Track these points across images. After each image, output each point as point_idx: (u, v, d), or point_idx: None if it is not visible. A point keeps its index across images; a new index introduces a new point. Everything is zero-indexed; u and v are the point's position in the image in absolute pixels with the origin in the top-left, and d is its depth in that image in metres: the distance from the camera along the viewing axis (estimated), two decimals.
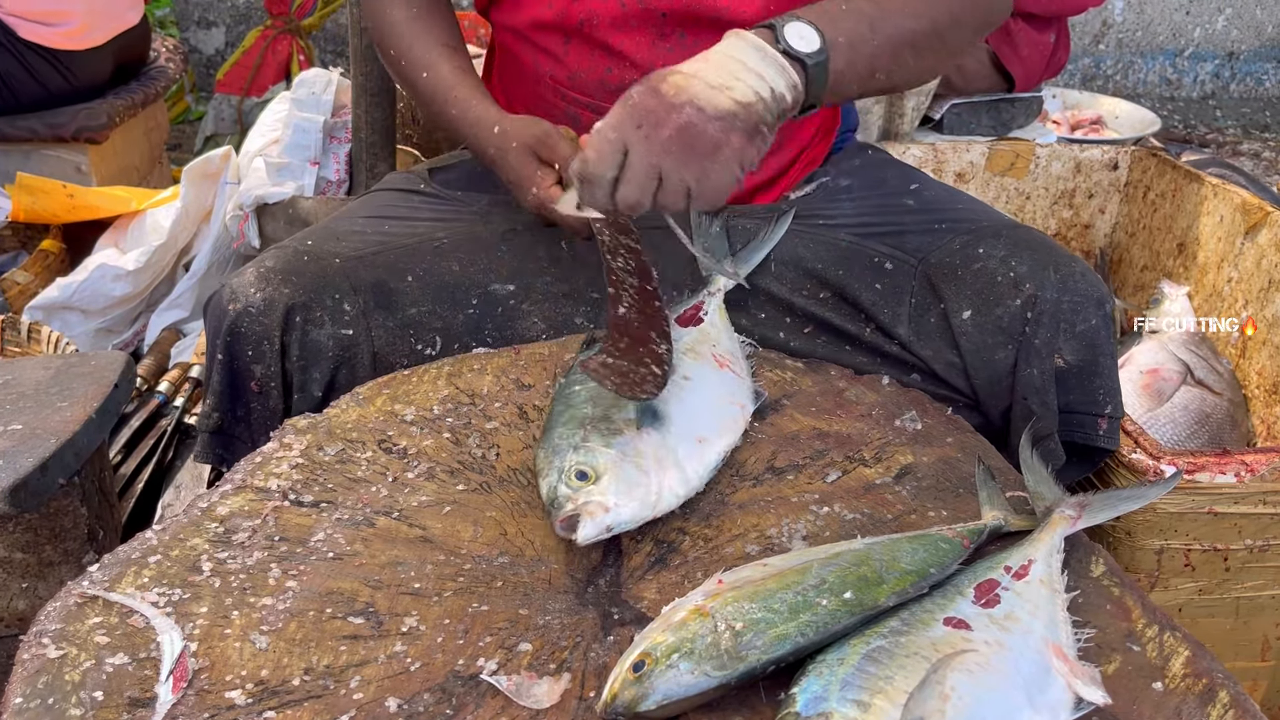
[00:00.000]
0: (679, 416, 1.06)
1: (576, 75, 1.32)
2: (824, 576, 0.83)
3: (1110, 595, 0.92)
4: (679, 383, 1.10)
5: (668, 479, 0.99)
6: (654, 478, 0.98)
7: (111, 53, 2.75)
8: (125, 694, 0.78)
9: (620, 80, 1.30)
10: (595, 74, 1.31)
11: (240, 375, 1.21)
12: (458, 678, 0.82)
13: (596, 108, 1.33)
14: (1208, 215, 2.10)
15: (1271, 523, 1.33)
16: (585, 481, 0.96)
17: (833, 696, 0.73)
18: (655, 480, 0.98)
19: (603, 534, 0.94)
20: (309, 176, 2.27)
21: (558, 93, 1.35)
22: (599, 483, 0.96)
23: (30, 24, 2.51)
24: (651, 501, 0.97)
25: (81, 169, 2.62)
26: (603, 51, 1.30)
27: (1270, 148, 4.64)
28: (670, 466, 1.01)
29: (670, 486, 0.99)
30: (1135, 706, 0.81)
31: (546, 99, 1.37)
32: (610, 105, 1.29)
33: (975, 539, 0.94)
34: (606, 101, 1.31)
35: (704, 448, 1.05)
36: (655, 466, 0.99)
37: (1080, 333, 1.19)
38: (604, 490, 0.95)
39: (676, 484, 1.00)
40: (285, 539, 0.95)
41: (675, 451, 1.02)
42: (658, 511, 0.98)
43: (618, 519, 0.94)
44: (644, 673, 0.76)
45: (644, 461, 0.99)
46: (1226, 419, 1.87)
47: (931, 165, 2.31)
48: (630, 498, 0.96)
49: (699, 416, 1.08)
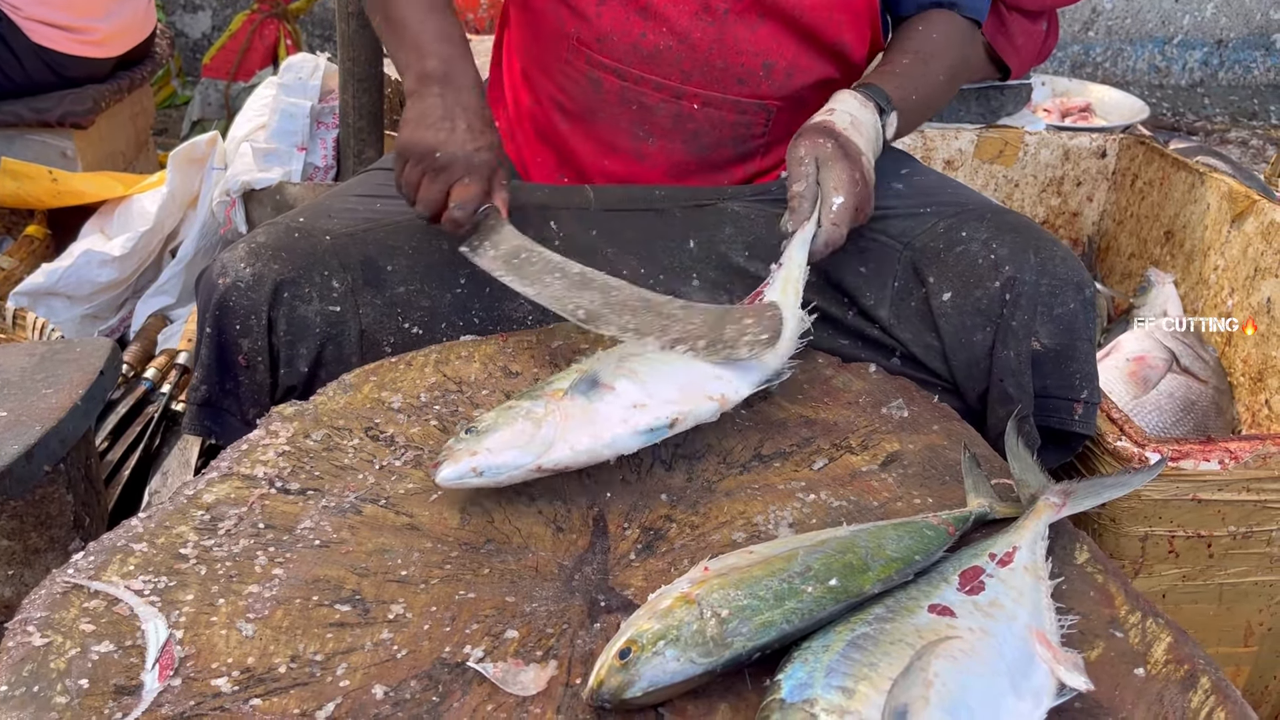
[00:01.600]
0: (626, 389, 1.04)
1: (607, 38, 1.31)
2: (809, 564, 0.84)
3: (1094, 582, 0.93)
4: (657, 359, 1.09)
5: (570, 434, 0.99)
6: (548, 430, 0.98)
7: (117, 59, 2.74)
8: (111, 682, 0.78)
9: (654, 46, 1.29)
10: (628, 38, 1.30)
11: (228, 349, 1.21)
12: (444, 665, 0.82)
13: (623, 73, 1.32)
14: (1195, 203, 2.10)
15: (1255, 509, 1.34)
16: (472, 435, 0.98)
17: (818, 683, 0.73)
18: (549, 432, 0.98)
19: (467, 475, 0.96)
20: (296, 162, 2.26)
21: (581, 54, 1.33)
22: (482, 434, 0.97)
23: (48, 29, 2.49)
24: (537, 450, 0.97)
25: (67, 154, 2.60)
26: (639, 15, 1.29)
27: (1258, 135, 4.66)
28: (580, 424, 1.00)
29: (572, 441, 0.99)
30: (1118, 692, 0.81)
31: (566, 60, 1.35)
32: (639, 72, 1.30)
33: (960, 526, 0.95)
34: (635, 67, 1.31)
35: (639, 413, 1.02)
36: (557, 422, 0.99)
37: (1058, 316, 1.20)
38: (480, 439, 0.97)
39: (582, 439, 0.99)
40: (272, 527, 0.95)
41: (596, 413, 1.01)
42: (547, 461, 0.98)
43: (486, 463, 0.96)
44: (630, 660, 0.76)
45: (543, 417, 0.99)
46: (1212, 406, 1.88)
47: (921, 153, 2.31)
48: (509, 445, 0.97)
49: (650, 388, 1.05)
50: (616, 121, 1.36)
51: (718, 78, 1.32)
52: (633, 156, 1.38)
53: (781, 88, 1.34)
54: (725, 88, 1.32)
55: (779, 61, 1.32)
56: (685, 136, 1.35)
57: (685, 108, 1.33)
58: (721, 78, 1.32)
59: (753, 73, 1.32)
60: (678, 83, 1.32)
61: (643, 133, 1.36)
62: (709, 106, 1.33)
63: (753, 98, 1.33)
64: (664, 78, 1.32)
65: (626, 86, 1.33)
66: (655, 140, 1.36)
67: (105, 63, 2.69)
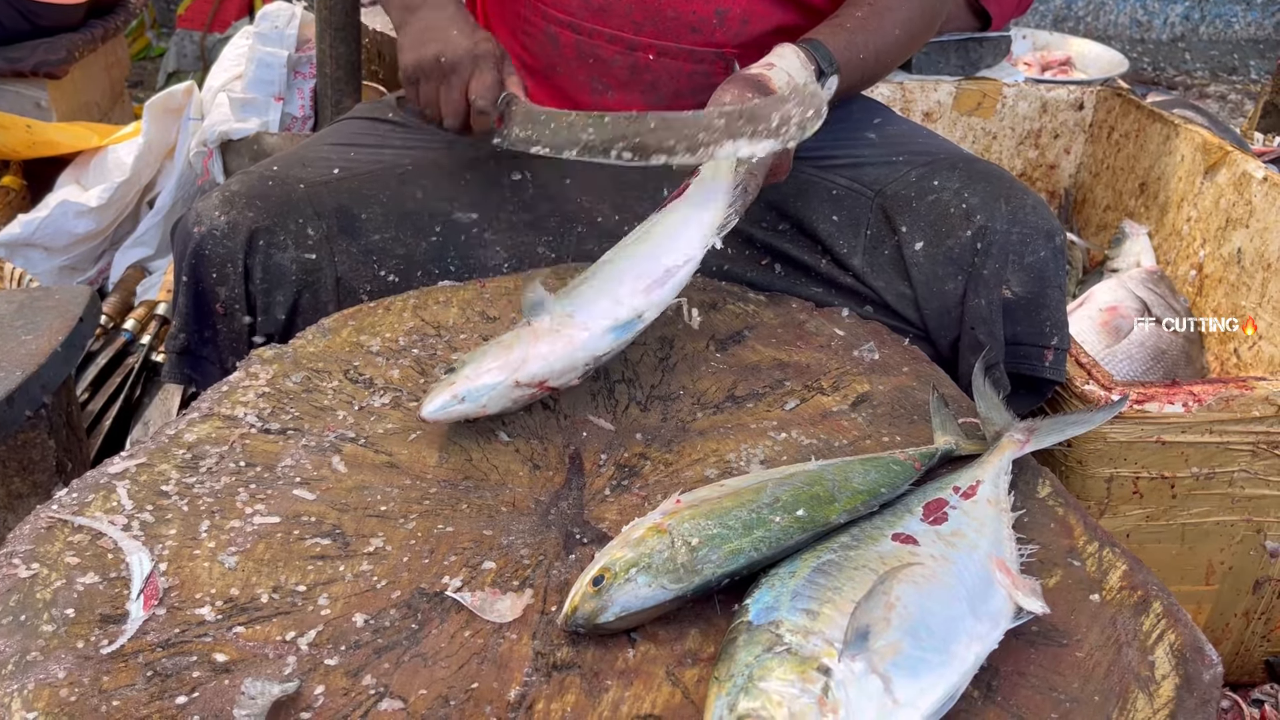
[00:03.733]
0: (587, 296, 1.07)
1: None
2: (778, 495, 0.86)
3: (1054, 515, 0.96)
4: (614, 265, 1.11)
5: (538, 348, 1.02)
6: (519, 351, 1.02)
7: (88, 5, 2.70)
8: (97, 611, 0.80)
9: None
10: None
11: (205, 297, 1.22)
12: (423, 594, 0.84)
13: (578, 27, 1.32)
14: (1169, 155, 2.12)
15: (1217, 451, 1.37)
16: (451, 374, 1.01)
17: (783, 606, 0.76)
18: (520, 352, 1.01)
19: (450, 404, 0.99)
20: (274, 112, 2.25)
21: (538, 10, 1.34)
22: (459, 370, 1.01)
23: None
24: (514, 365, 1.00)
25: (41, 104, 2.58)
26: None
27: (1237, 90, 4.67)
28: (546, 339, 1.03)
29: (544, 352, 1.02)
30: (1073, 617, 0.84)
31: (525, 17, 1.36)
32: (592, 24, 1.29)
33: (926, 462, 0.97)
34: (587, 20, 1.31)
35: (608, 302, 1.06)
36: (526, 342, 1.02)
37: (1029, 264, 1.21)
38: (459, 374, 1.01)
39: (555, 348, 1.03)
40: (253, 465, 0.97)
41: (565, 324, 1.04)
42: (524, 375, 1.01)
43: (466, 388, 0.99)
44: (603, 586, 0.79)
45: (511, 341, 1.03)
46: (1182, 355, 1.92)
47: (899, 104, 2.31)
48: (483, 369, 1.00)
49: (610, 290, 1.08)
50: (574, 76, 1.37)
51: (669, 27, 1.31)
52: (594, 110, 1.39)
53: (738, 35, 1.33)
54: (678, 37, 1.32)
55: (732, 8, 1.31)
56: (643, 88, 1.35)
57: (640, 59, 1.33)
58: (674, 27, 1.31)
59: (705, 20, 1.31)
60: (631, 34, 1.32)
61: (601, 85, 1.37)
62: (664, 57, 1.33)
63: (708, 46, 1.32)
64: (617, 30, 1.32)
65: (581, 40, 1.33)
66: (614, 93, 1.36)
67: (77, 9, 2.66)
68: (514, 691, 0.76)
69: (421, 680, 0.77)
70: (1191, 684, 0.78)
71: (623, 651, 0.80)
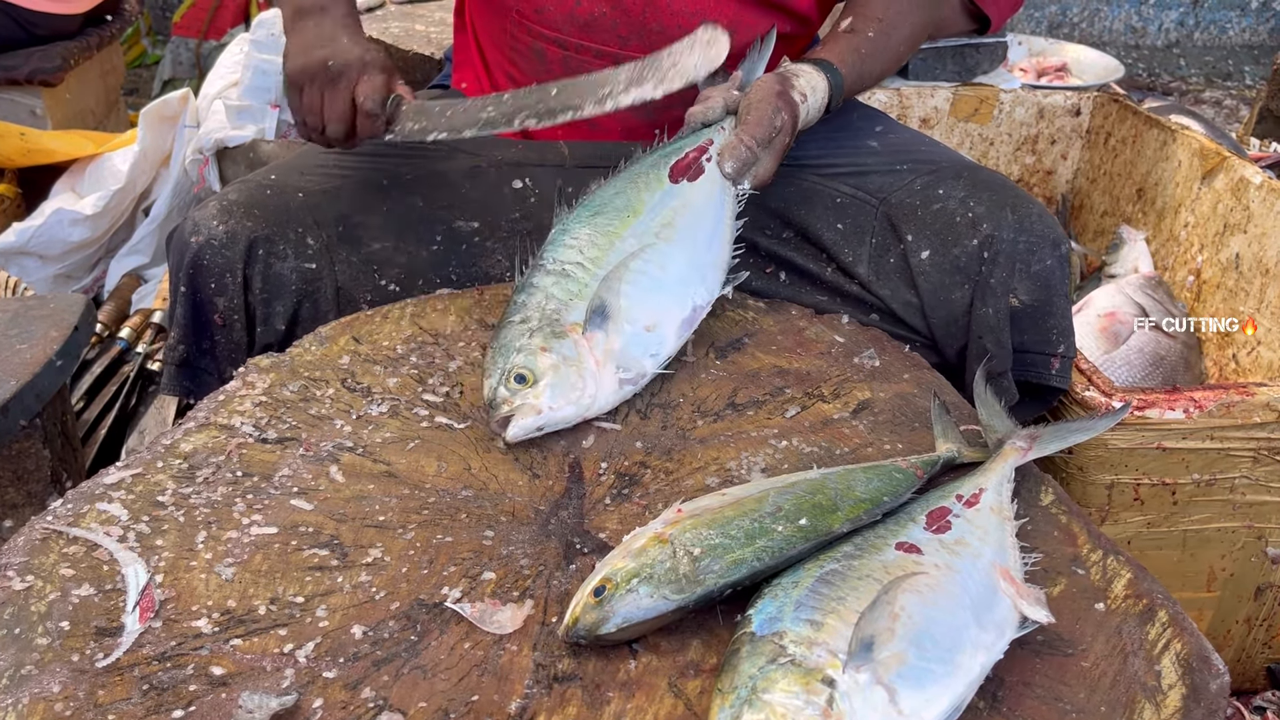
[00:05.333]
0: (630, 307, 1.09)
1: (544, 9, 1.31)
2: (780, 504, 0.85)
3: (1058, 522, 0.95)
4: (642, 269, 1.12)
5: (606, 380, 1.05)
6: (590, 381, 1.03)
7: (85, 14, 2.70)
8: (92, 624, 0.79)
9: (589, 14, 1.29)
10: (564, 7, 1.30)
11: (204, 308, 1.21)
12: (422, 605, 0.83)
13: (563, 42, 1.32)
14: (1166, 161, 2.12)
15: (1218, 458, 1.37)
16: (523, 385, 1.01)
17: (787, 617, 0.75)
18: (592, 384, 1.04)
19: (532, 433, 1.01)
20: (270, 119, 2.24)
21: (524, 27, 1.34)
22: (536, 385, 1.01)
23: None
24: (586, 404, 1.03)
25: (36, 112, 2.57)
26: None
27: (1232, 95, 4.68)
28: (609, 372, 1.05)
29: (609, 387, 1.05)
30: (1078, 625, 0.84)
31: (512, 34, 1.36)
32: (578, 40, 1.29)
33: (929, 469, 0.97)
34: (573, 36, 1.31)
35: (653, 337, 1.09)
36: (594, 370, 1.04)
37: (1035, 273, 1.21)
38: (539, 393, 1.01)
39: (613, 384, 1.06)
40: (249, 474, 0.96)
41: (621, 351, 1.06)
42: (592, 413, 1.04)
43: (550, 420, 1.01)
44: (604, 597, 0.78)
45: (584, 366, 1.04)
46: (1180, 361, 1.91)
47: (896, 110, 2.31)
48: (565, 400, 1.02)
49: (650, 302, 1.10)
50: None
51: (655, 41, 1.30)
52: (585, 124, 1.38)
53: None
54: None
55: (719, 20, 1.29)
56: None
57: None
58: (659, 41, 1.30)
59: (691, 33, 1.31)
60: (616, 49, 1.31)
61: None
62: None
63: None
64: (603, 44, 1.31)
65: (569, 55, 1.33)
66: None
67: (73, 19, 2.65)
68: (515, 704, 0.76)
69: (421, 693, 0.76)
70: (1198, 693, 0.78)
71: (624, 663, 0.79)
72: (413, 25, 2.72)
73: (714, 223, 1.18)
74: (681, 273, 1.13)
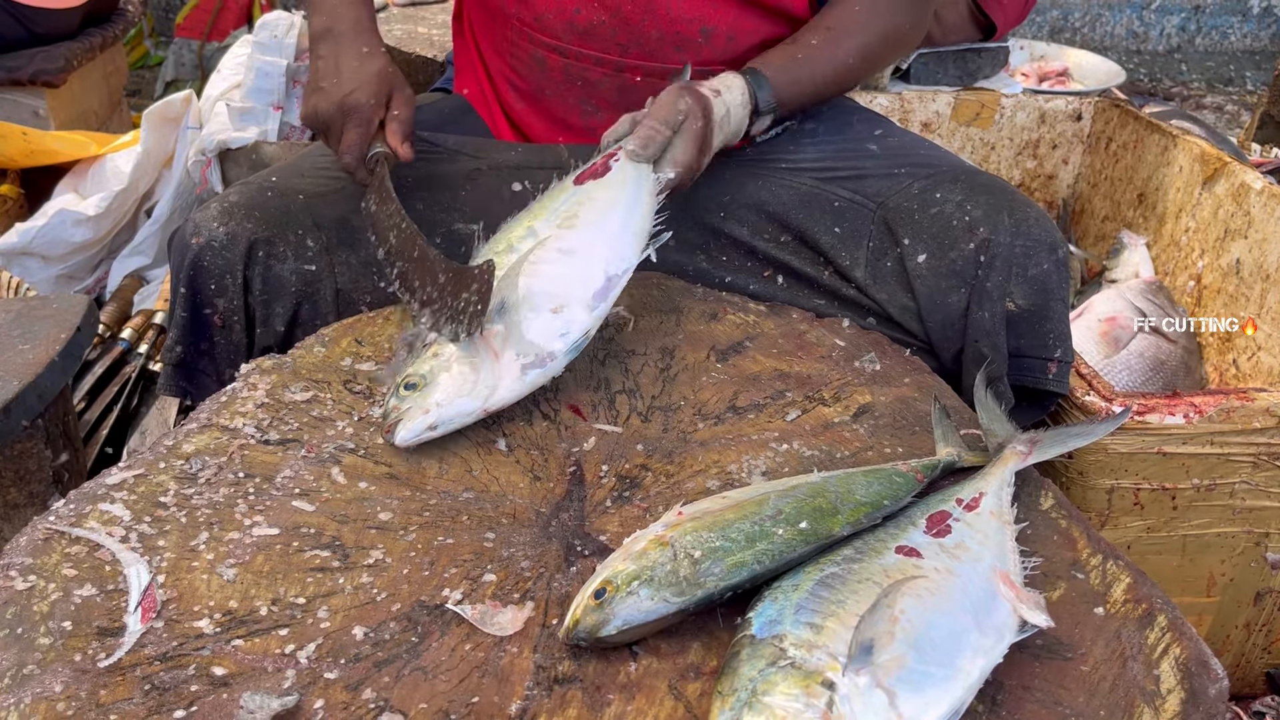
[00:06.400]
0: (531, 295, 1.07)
1: (543, 17, 1.32)
2: (781, 508, 0.86)
3: (1058, 527, 0.96)
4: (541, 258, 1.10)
5: (506, 370, 1.03)
6: (487, 373, 1.02)
7: (83, 10, 2.70)
8: (94, 624, 0.79)
9: (589, 22, 1.30)
10: (563, 15, 1.31)
11: (203, 309, 1.21)
12: (423, 607, 0.84)
13: (564, 50, 1.33)
14: (1167, 166, 2.13)
15: (1218, 463, 1.37)
16: (413, 391, 1.01)
17: (787, 620, 0.76)
18: (489, 375, 1.02)
19: (425, 433, 1.00)
20: (272, 121, 2.25)
21: (524, 34, 1.35)
22: (425, 389, 1.01)
23: None
24: (484, 394, 1.02)
25: (39, 113, 2.57)
26: None
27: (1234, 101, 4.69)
28: (509, 362, 1.04)
29: (508, 383, 1.03)
30: (1078, 630, 0.84)
31: (513, 41, 1.37)
32: (578, 47, 1.29)
33: (929, 473, 0.97)
34: (573, 43, 1.31)
35: (560, 318, 1.06)
36: (492, 361, 1.03)
37: (1032, 277, 1.21)
38: (427, 395, 1.01)
39: (523, 380, 1.04)
40: (251, 476, 0.96)
41: (521, 338, 1.05)
42: (494, 403, 1.03)
43: (442, 417, 1.00)
44: (605, 599, 0.78)
45: (480, 360, 1.03)
46: (1181, 366, 1.92)
47: (898, 115, 2.31)
48: (457, 395, 1.01)
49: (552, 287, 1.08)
50: (564, 98, 1.37)
51: (655, 48, 1.31)
52: (584, 132, 1.39)
53: (724, 51, 1.32)
54: (664, 57, 1.31)
55: (718, 26, 1.30)
56: (631, 108, 1.35)
57: (628, 80, 1.33)
58: (659, 47, 1.31)
59: (690, 40, 1.31)
60: (617, 56, 1.32)
61: (590, 108, 1.37)
62: (651, 77, 1.33)
63: (696, 64, 1.31)
64: (603, 52, 1.32)
65: (569, 63, 1.34)
66: (603, 114, 1.36)
67: (73, 14, 2.65)
68: (515, 705, 0.76)
69: (422, 694, 0.76)
70: (1197, 698, 0.78)
71: (625, 665, 0.79)
72: (415, 28, 2.73)
73: (627, 208, 1.14)
74: (588, 251, 1.11)
